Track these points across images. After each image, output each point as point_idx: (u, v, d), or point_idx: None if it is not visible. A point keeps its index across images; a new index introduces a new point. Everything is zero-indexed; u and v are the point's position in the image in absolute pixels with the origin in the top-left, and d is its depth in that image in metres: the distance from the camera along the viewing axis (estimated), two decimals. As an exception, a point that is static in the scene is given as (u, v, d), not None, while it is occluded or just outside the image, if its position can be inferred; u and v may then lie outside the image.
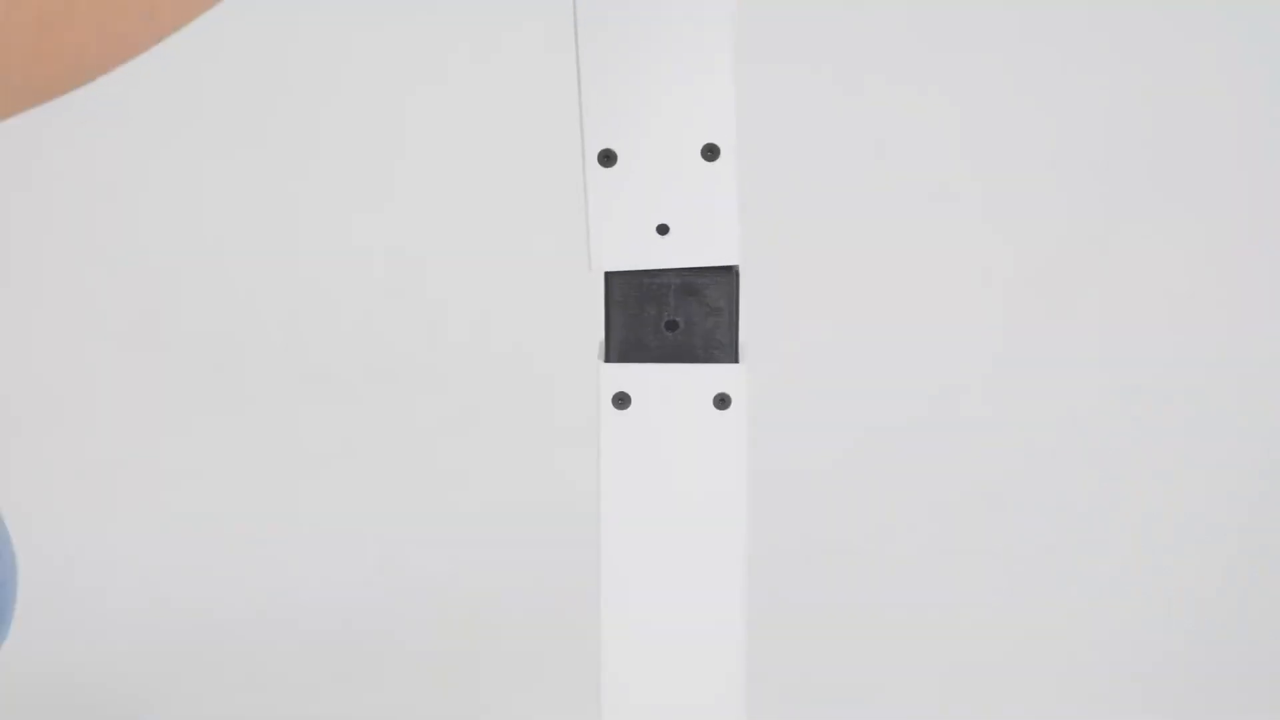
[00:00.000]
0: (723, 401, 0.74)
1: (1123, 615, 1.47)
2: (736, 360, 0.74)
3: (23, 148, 1.88)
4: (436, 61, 1.89)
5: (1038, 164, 1.92)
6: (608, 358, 0.75)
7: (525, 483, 1.70)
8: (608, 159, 0.72)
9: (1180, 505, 1.64)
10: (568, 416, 1.48)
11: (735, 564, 0.76)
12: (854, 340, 1.85)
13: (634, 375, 0.75)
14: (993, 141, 1.93)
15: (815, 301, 1.88)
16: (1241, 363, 1.79)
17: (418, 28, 1.89)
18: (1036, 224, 1.91)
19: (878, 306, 1.87)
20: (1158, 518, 1.62)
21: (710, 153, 0.72)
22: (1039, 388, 1.79)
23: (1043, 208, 1.91)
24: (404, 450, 1.74)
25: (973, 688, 1.36)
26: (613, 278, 0.74)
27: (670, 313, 0.74)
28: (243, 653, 1.43)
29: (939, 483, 1.67)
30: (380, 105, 1.91)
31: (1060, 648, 1.42)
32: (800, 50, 1.92)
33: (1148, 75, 1.92)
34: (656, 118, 0.71)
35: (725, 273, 0.73)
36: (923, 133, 1.92)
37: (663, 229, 0.73)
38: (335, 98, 1.90)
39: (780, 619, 1.43)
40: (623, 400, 0.75)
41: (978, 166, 1.93)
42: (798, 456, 1.72)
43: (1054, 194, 1.91)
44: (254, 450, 1.74)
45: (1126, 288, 1.87)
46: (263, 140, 1.89)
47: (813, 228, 1.91)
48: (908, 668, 1.39)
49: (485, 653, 1.44)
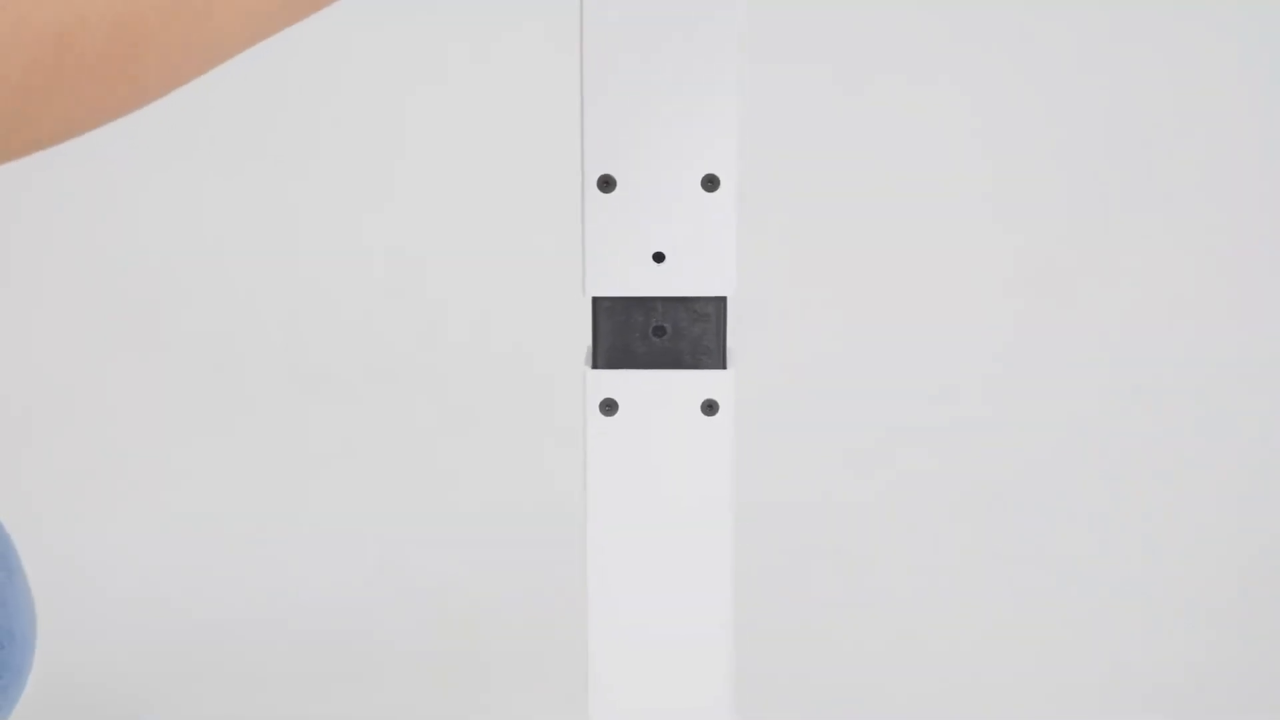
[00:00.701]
0: (710, 408, 0.73)
1: (1125, 617, 1.46)
2: (724, 366, 0.73)
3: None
4: (436, 62, 1.89)
5: (1041, 164, 1.92)
6: (595, 364, 0.75)
7: (524, 483, 1.70)
8: (607, 184, 0.72)
9: (1185, 506, 1.63)
10: (566, 418, 1.48)
11: (723, 570, 0.76)
12: (853, 340, 1.85)
13: (621, 381, 0.75)
14: (995, 142, 1.93)
15: (814, 302, 1.88)
16: (1247, 363, 1.79)
17: (418, 28, 1.89)
18: (1039, 224, 1.91)
19: (877, 307, 1.87)
20: (1161, 519, 1.62)
21: (710, 183, 0.72)
22: (1042, 388, 1.79)
23: (1046, 208, 1.91)
24: (403, 451, 1.74)
25: (971, 691, 1.36)
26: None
27: (658, 318, 0.74)
28: (241, 652, 1.43)
29: (938, 484, 1.68)
30: (380, 106, 1.91)
31: (1060, 650, 1.42)
32: (801, 49, 1.92)
33: (1151, 74, 1.91)
34: (658, 145, 0.71)
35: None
36: (924, 133, 1.92)
37: (659, 257, 0.73)
38: (335, 99, 1.90)
39: (773, 622, 1.44)
40: (610, 407, 0.74)
41: (980, 167, 1.92)
42: (795, 457, 1.72)
43: (1057, 194, 1.91)
44: (253, 450, 1.74)
45: (1131, 287, 1.87)
46: (263, 142, 1.89)
47: (813, 227, 1.91)
48: (904, 671, 1.39)
49: (482, 653, 1.44)
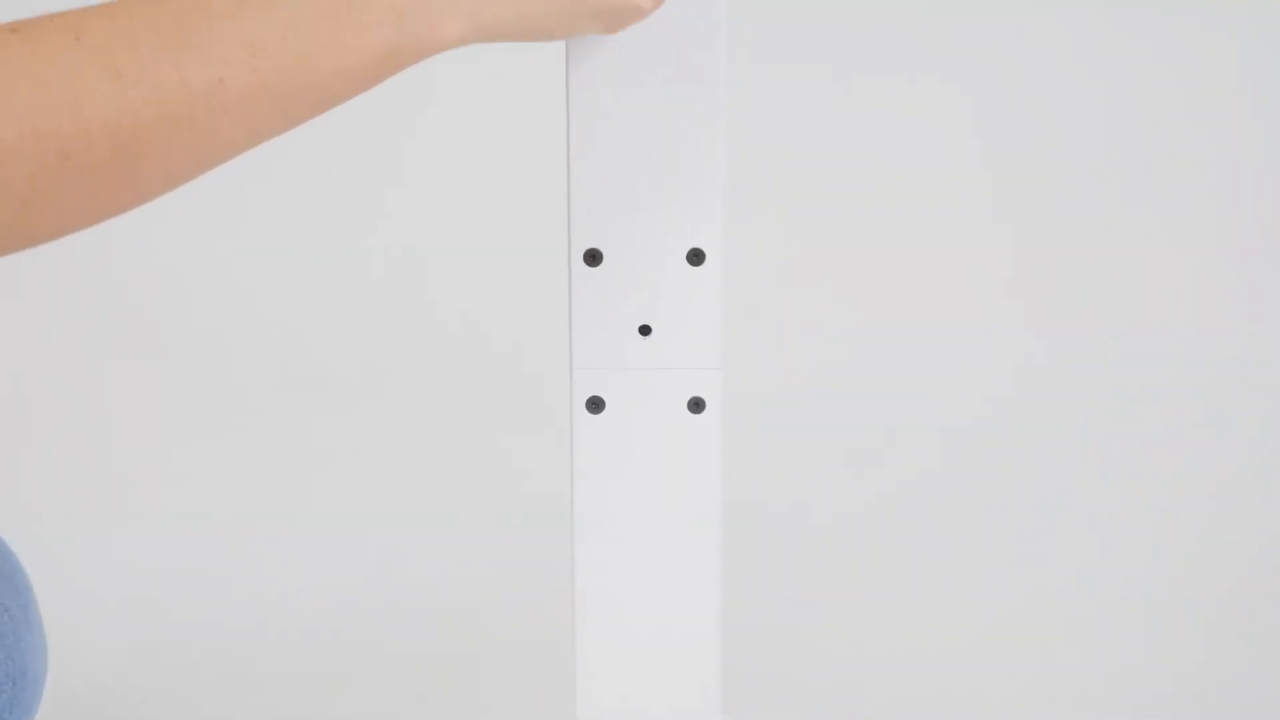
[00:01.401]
0: (697, 405, 0.74)
1: (1123, 618, 1.46)
2: (712, 364, 0.74)
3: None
4: (430, 66, 1.88)
5: (1040, 164, 1.91)
6: (581, 362, 0.75)
7: (518, 482, 1.70)
8: (593, 258, 0.72)
9: (1184, 506, 1.63)
10: (558, 417, 1.48)
11: (711, 569, 0.76)
12: (850, 341, 1.84)
13: (608, 380, 0.75)
14: (994, 142, 1.92)
15: (811, 302, 1.88)
16: (1247, 362, 1.79)
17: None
18: (1038, 224, 1.90)
19: (875, 307, 1.87)
20: (1161, 519, 1.61)
21: (696, 257, 0.72)
22: (1039, 388, 1.79)
23: (1045, 208, 1.91)
24: (397, 451, 1.74)
25: (968, 692, 1.36)
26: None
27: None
28: (236, 653, 1.43)
29: (936, 485, 1.67)
30: (376, 112, 1.90)
31: (1058, 650, 1.41)
32: (800, 49, 1.92)
33: (1150, 73, 1.91)
34: (643, 220, 0.71)
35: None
36: (923, 132, 1.92)
37: (645, 330, 0.73)
38: (337, 109, 1.89)
39: (764, 622, 1.44)
40: (597, 405, 0.75)
41: (979, 167, 1.92)
42: (790, 457, 1.72)
43: (1057, 194, 1.90)
44: (249, 451, 1.74)
45: (1130, 286, 1.86)
46: (261, 147, 1.89)
47: (811, 226, 1.90)
48: (899, 673, 1.39)
49: (474, 652, 1.44)
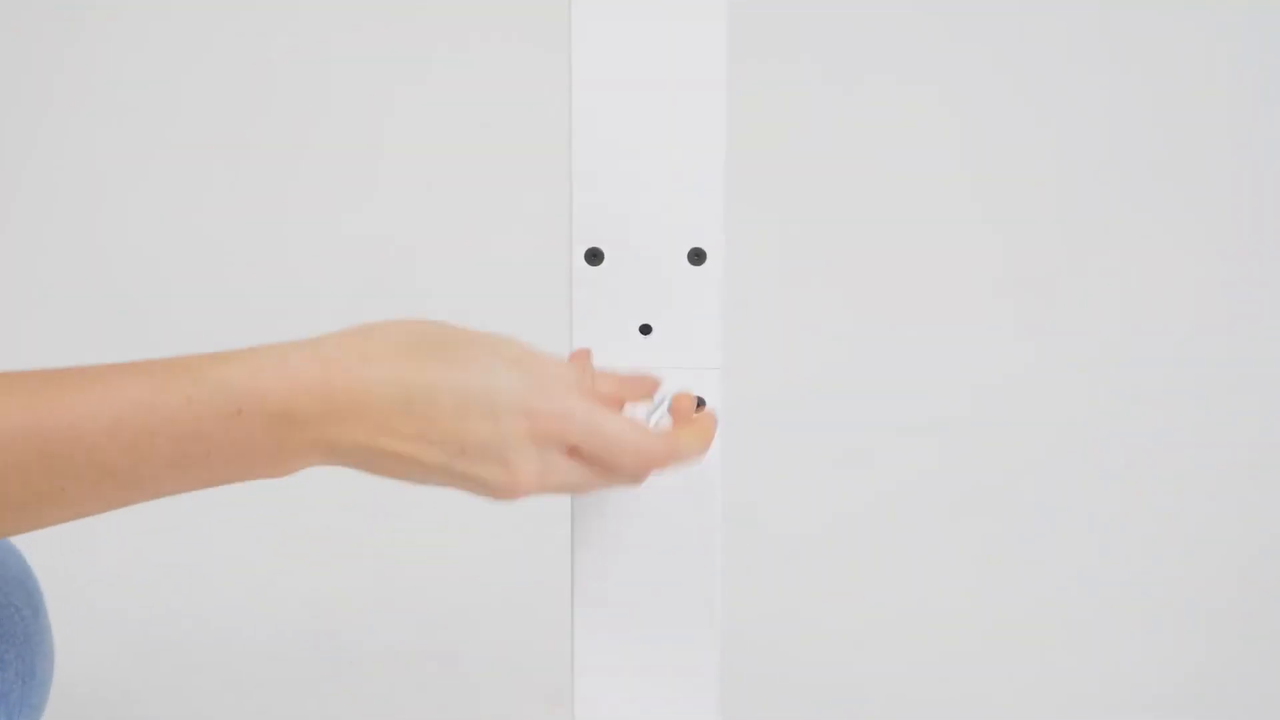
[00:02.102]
0: (697, 404, 0.74)
1: (1120, 618, 1.46)
2: (712, 363, 0.74)
3: (12, 144, 1.89)
4: (420, 58, 1.88)
5: (1031, 164, 1.91)
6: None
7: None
8: (594, 257, 0.72)
9: (1181, 505, 1.63)
10: None
11: (709, 568, 0.76)
12: (844, 341, 1.85)
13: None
14: (986, 142, 1.92)
15: (806, 303, 1.87)
16: (1241, 362, 1.79)
17: (402, 25, 1.88)
18: (1033, 225, 1.90)
19: (868, 308, 1.87)
20: (1157, 519, 1.61)
21: (697, 257, 0.72)
22: (1033, 388, 1.79)
23: (1037, 208, 1.91)
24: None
25: (964, 691, 1.36)
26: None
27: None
28: (237, 654, 1.43)
29: (932, 485, 1.67)
30: (365, 105, 1.90)
31: (1055, 651, 1.42)
32: (792, 49, 1.91)
33: (1142, 73, 1.91)
34: (645, 219, 0.72)
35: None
36: (915, 132, 1.92)
37: (645, 329, 0.73)
38: (320, 98, 1.89)
39: (762, 620, 1.44)
40: None
41: (971, 167, 1.92)
42: (786, 458, 1.72)
43: (1048, 194, 1.90)
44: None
45: (1122, 286, 1.86)
46: (249, 141, 1.88)
47: (810, 228, 1.90)
48: (891, 671, 1.39)
49: (476, 654, 1.45)
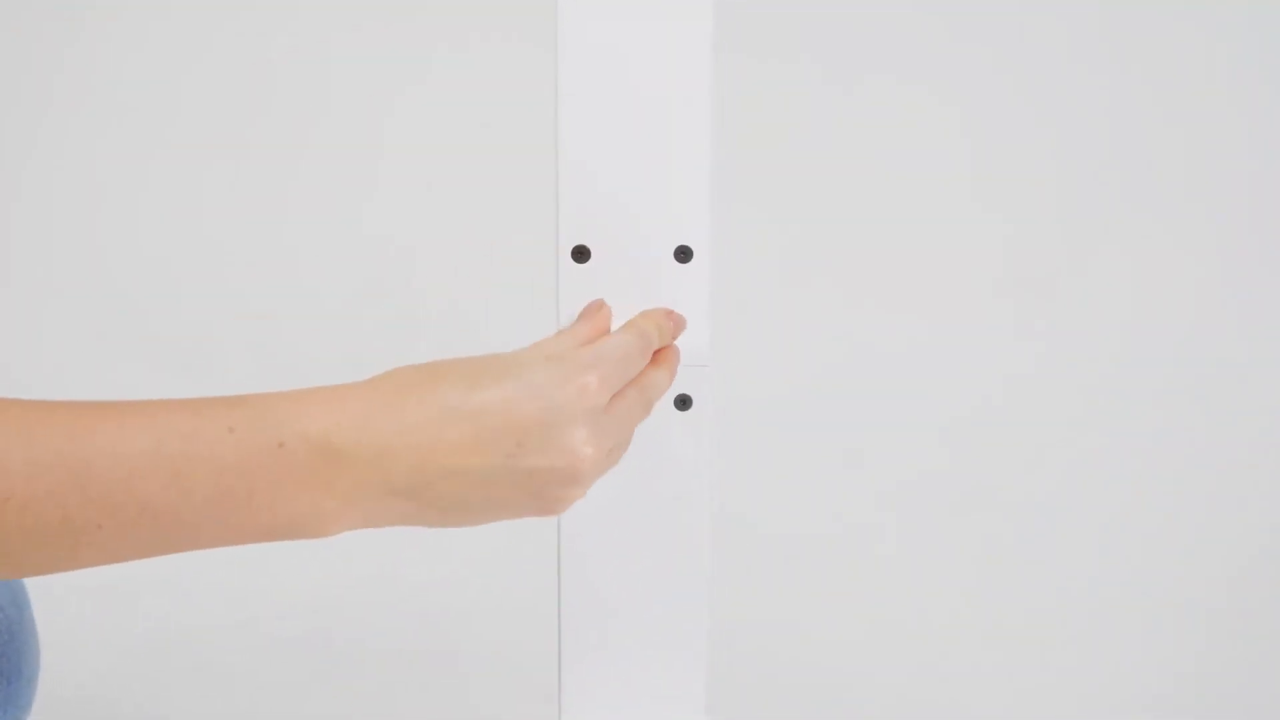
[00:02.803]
0: (684, 403, 0.74)
1: (1119, 618, 1.46)
2: (700, 361, 0.74)
3: (12, 144, 1.88)
4: (419, 58, 1.88)
5: (1030, 164, 1.91)
6: None
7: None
8: (581, 255, 0.72)
9: (1176, 504, 1.62)
10: None
11: (698, 567, 0.76)
12: (840, 339, 1.84)
13: None
14: (985, 141, 1.92)
15: (802, 302, 1.87)
16: (1235, 361, 1.79)
17: (401, 28, 1.88)
18: (1030, 223, 1.90)
19: (865, 307, 1.87)
20: (1154, 517, 1.61)
21: (683, 254, 0.72)
22: (1030, 387, 1.79)
23: (1037, 207, 1.91)
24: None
25: (959, 691, 1.36)
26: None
27: None
28: (228, 654, 1.43)
29: (929, 484, 1.67)
30: (364, 106, 1.90)
31: (1054, 650, 1.41)
32: (788, 48, 1.91)
33: (1142, 72, 1.91)
34: (631, 217, 0.72)
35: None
36: (914, 131, 1.92)
37: None
38: (320, 98, 1.89)
39: (751, 620, 1.44)
40: None
41: (969, 166, 1.92)
42: (779, 457, 1.72)
43: (1048, 193, 1.90)
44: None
45: (1121, 285, 1.86)
46: (249, 141, 1.88)
47: (798, 225, 1.90)
48: (885, 672, 1.39)
49: (464, 653, 1.44)
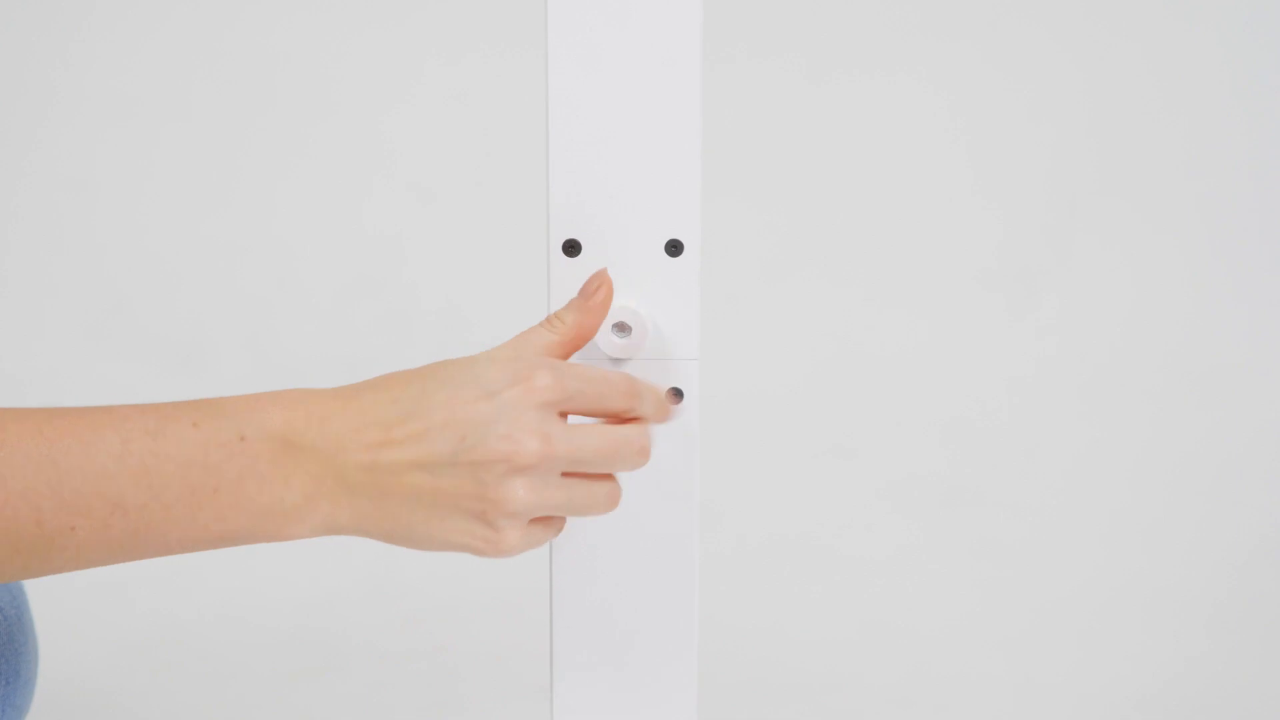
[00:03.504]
0: (675, 395, 0.74)
1: (1116, 618, 1.46)
2: (690, 354, 0.74)
3: (12, 144, 1.88)
4: (411, 59, 1.88)
5: (1020, 157, 1.91)
6: None
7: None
8: (572, 249, 0.72)
9: (1180, 503, 1.63)
10: None
11: (687, 561, 0.76)
12: (829, 332, 1.85)
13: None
14: (975, 136, 1.92)
15: (790, 299, 1.87)
16: (1239, 357, 1.79)
17: (397, 30, 1.88)
18: (1018, 218, 1.90)
19: (854, 300, 1.87)
20: (1148, 515, 1.61)
21: (674, 249, 0.73)
22: (1024, 384, 1.79)
23: (1025, 201, 1.90)
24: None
25: (955, 691, 1.36)
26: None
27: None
28: (216, 651, 1.43)
29: (926, 483, 1.67)
30: (357, 102, 1.90)
31: (1052, 651, 1.41)
32: (776, 42, 1.91)
33: (1130, 65, 1.90)
34: (622, 211, 0.72)
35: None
36: (902, 126, 1.91)
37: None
38: (316, 99, 1.89)
39: (742, 617, 1.44)
40: None
41: (958, 160, 1.92)
42: (771, 455, 1.72)
43: (1037, 187, 1.90)
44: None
45: (1109, 281, 1.86)
46: (243, 141, 1.88)
47: (788, 219, 1.90)
48: (880, 671, 1.39)
49: (455, 651, 1.44)
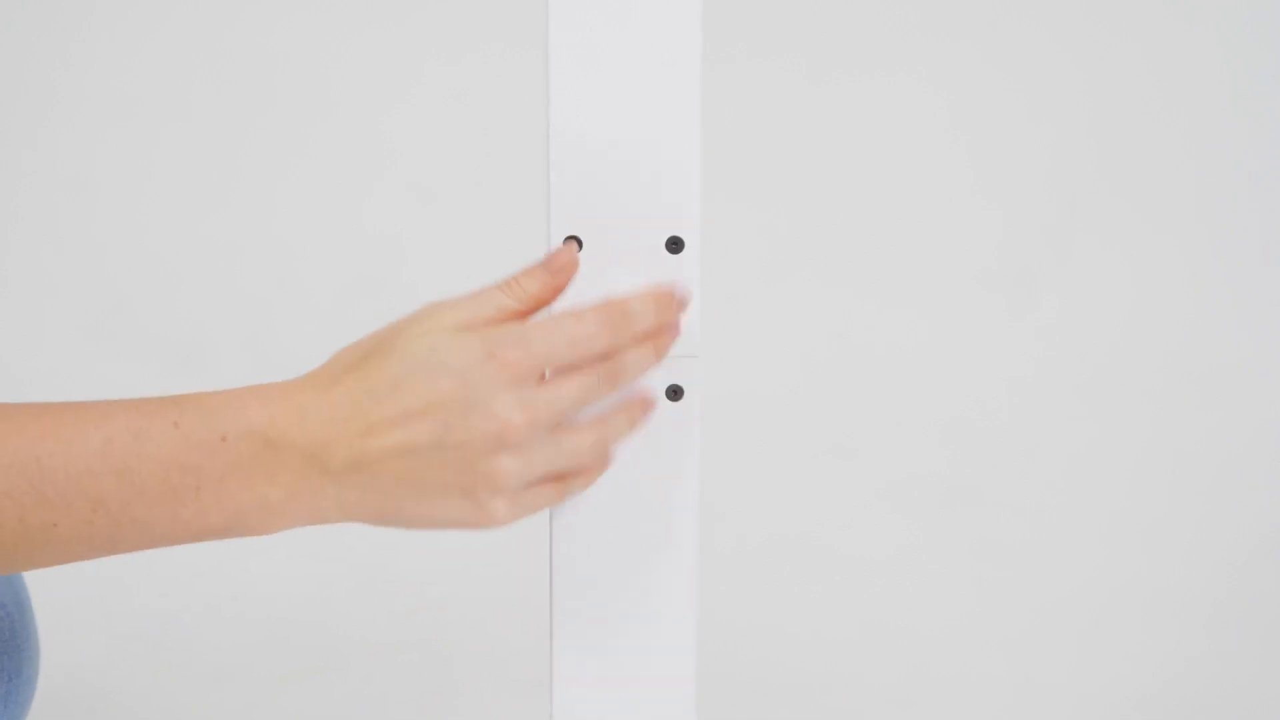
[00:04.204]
0: (675, 393, 0.74)
1: (1114, 619, 1.46)
2: (690, 351, 0.73)
3: (13, 144, 1.88)
4: (410, 59, 1.88)
5: (1020, 155, 1.91)
6: None
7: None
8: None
9: (1178, 503, 1.63)
10: None
11: (687, 553, 0.76)
12: (830, 330, 1.85)
13: None
14: (975, 137, 1.92)
15: (791, 298, 1.88)
16: (1238, 356, 1.79)
17: (396, 31, 1.88)
18: (1020, 216, 1.90)
19: (854, 298, 1.87)
20: (1147, 514, 1.62)
21: (675, 245, 0.73)
22: (1025, 384, 1.79)
23: (1026, 200, 1.91)
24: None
25: (952, 691, 1.36)
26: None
27: None
28: (215, 647, 1.43)
29: (925, 484, 1.67)
30: (357, 101, 1.90)
31: (1051, 651, 1.41)
32: (776, 41, 1.91)
33: (1130, 66, 1.91)
34: (623, 208, 0.72)
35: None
36: (900, 122, 1.91)
37: None
38: (316, 99, 1.89)
39: (742, 616, 1.44)
40: None
41: (958, 158, 1.92)
42: (769, 455, 1.72)
43: (1037, 185, 1.90)
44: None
45: (1111, 281, 1.86)
46: (243, 141, 1.88)
47: (788, 217, 1.91)
48: (879, 672, 1.39)
49: (454, 648, 1.44)
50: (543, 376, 0.67)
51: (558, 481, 0.68)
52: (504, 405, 0.64)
